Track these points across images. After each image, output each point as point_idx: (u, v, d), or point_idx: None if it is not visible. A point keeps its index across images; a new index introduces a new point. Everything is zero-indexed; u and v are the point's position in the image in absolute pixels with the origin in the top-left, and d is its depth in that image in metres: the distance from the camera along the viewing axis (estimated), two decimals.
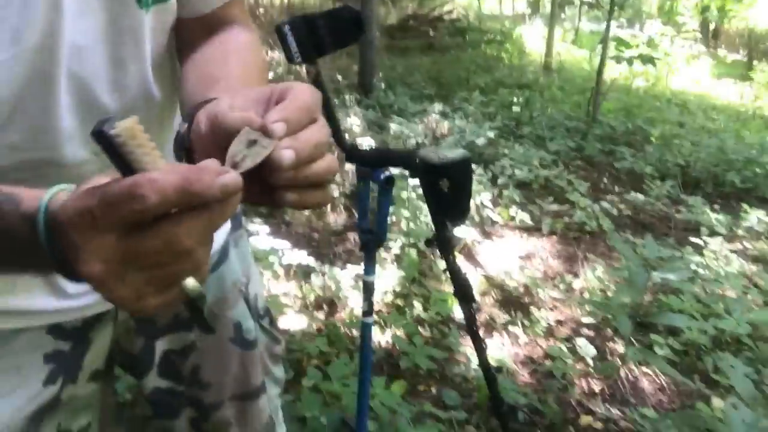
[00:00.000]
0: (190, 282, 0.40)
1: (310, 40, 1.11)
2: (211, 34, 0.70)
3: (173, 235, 0.37)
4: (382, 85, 6.10)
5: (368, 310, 1.45)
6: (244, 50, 0.70)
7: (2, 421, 0.72)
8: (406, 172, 3.35)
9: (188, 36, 0.71)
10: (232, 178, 0.38)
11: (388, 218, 1.49)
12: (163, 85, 0.71)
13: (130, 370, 0.93)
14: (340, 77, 6.09)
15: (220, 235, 0.91)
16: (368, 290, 1.44)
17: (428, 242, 1.44)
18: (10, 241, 0.44)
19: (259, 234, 2.56)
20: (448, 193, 1.29)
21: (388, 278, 2.54)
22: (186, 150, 0.50)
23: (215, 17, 0.73)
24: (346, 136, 1.63)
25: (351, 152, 1.31)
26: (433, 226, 1.39)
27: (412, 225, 2.87)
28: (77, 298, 0.74)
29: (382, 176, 1.28)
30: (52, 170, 0.64)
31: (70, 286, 0.73)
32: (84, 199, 0.37)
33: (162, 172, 0.36)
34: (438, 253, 2.81)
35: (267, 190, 0.44)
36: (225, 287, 0.91)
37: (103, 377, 0.87)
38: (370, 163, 1.33)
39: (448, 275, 1.44)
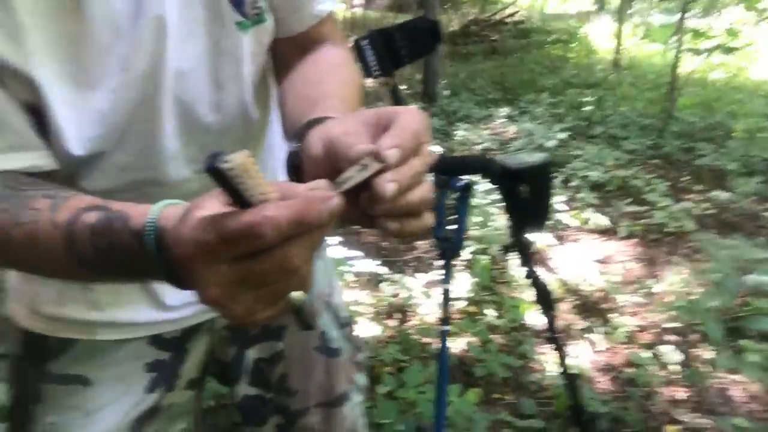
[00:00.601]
0: (295, 293, 0.43)
1: (387, 53, 1.13)
2: (305, 53, 0.72)
3: (284, 258, 0.39)
4: (446, 92, 6.09)
5: (446, 318, 1.45)
6: (339, 67, 0.72)
7: (109, 427, 0.78)
8: (476, 179, 3.33)
9: (283, 55, 0.74)
10: (337, 203, 0.40)
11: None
12: (259, 105, 0.74)
13: (222, 379, 0.98)
14: (403, 86, 6.13)
15: None
16: (446, 298, 1.44)
17: (506, 248, 1.43)
18: (122, 254, 0.48)
19: (330, 244, 2.61)
20: (528, 199, 1.28)
21: (459, 285, 2.53)
22: (294, 167, 0.52)
23: (308, 36, 0.75)
24: None
25: None
26: (509, 232, 1.38)
27: (482, 231, 2.85)
28: (176, 311, 0.79)
29: (460, 184, 1.28)
30: (155, 189, 0.68)
31: (170, 299, 0.77)
32: (201, 233, 0.39)
33: (276, 206, 0.38)
34: (512, 259, 2.78)
35: (368, 215, 0.45)
36: (311, 298, 0.94)
37: (198, 385, 0.92)
38: (448, 171, 1.33)
39: (527, 281, 1.43)
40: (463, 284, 2.54)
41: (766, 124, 5.44)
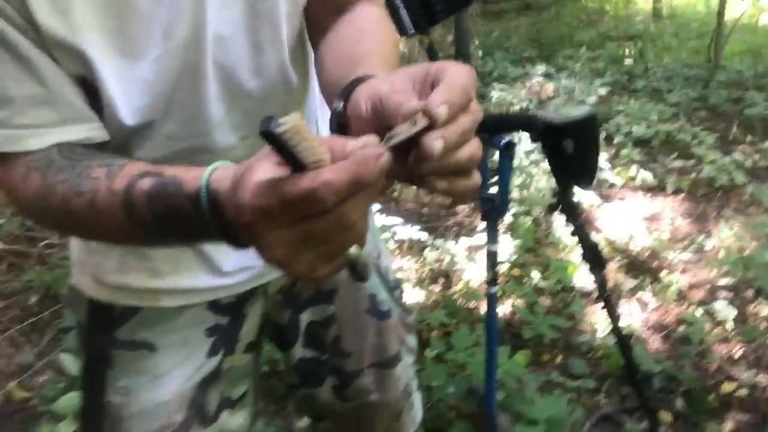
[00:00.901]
0: (352, 249, 0.44)
1: (421, 10, 1.10)
2: (340, 13, 0.71)
3: (342, 217, 0.40)
4: (480, 53, 5.94)
5: (492, 279, 1.44)
6: (377, 25, 0.70)
7: (175, 390, 0.80)
8: (518, 137, 3.27)
9: (317, 19, 0.72)
10: (387, 159, 0.39)
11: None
12: (298, 69, 0.73)
13: (278, 343, 0.99)
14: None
15: None
16: (492, 259, 1.42)
17: (551, 207, 1.40)
18: (179, 218, 0.49)
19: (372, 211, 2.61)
20: (573, 155, 1.24)
21: (503, 248, 2.49)
22: (340, 126, 0.51)
23: None
24: None
25: None
26: (554, 191, 1.34)
27: (525, 192, 2.79)
28: (231, 276, 0.80)
29: (503, 142, 1.25)
30: (203, 157, 0.68)
31: (225, 265, 0.78)
32: (262, 198, 0.39)
33: (332, 170, 0.38)
34: (556, 220, 2.73)
35: (417, 174, 0.44)
36: (365, 253, 0.94)
37: (256, 348, 0.94)
38: (488, 129, 1.30)
39: (573, 242, 1.40)
40: (506, 247, 2.51)
41: None
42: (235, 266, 0.79)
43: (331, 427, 1.07)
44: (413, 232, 2.58)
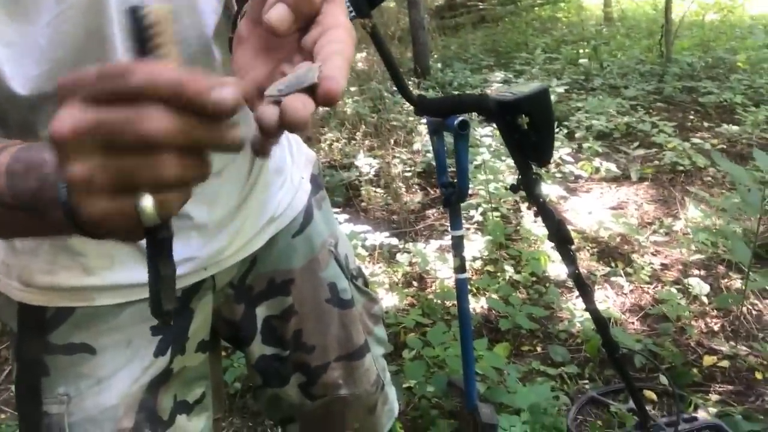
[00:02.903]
0: (147, 202, 0.36)
1: None
2: None
3: (144, 115, 0.34)
4: (439, 65, 6.01)
5: (460, 266, 1.41)
6: None
7: (122, 393, 0.74)
8: (479, 132, 3.26)
9: None
10: (229, 92, 0.34)
11: (469, 174, 1.44)
12: (224, 47, 0.70)
13: (234, 342, 0.94)
14: None
15: (302, 197, 0.90)
16: (458, 246, 1.40)
17: (513, 187, 1.38)
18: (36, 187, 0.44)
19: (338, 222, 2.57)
20: (528, 131, 1.23)
21: (474, 245, 2.48)
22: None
23: None
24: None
25: (420, 104, 1.27)
26: (517, 172, 1.33)
27: (492, 188, 2.79)
28: None
29: (456, 122, 1.23)
30: None
31: None
32: (71, 79, 0.36)
33: (162, 66, 0.35)
34: (525, 213, 2.72)
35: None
36: (314, 248, 0.90)
37: (210, 349, 0.88)
38: (441, 113, 1.28)
39: (543, 232, 1.38)
40: (477, 244, 2.49)
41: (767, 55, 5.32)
42: (175, 256, 0.74)
43: (300, 428, 1.01)
44: (383, 238, 2.55)
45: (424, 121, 1.48)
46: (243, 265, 0.85)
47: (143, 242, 0.68)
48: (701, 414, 1.66)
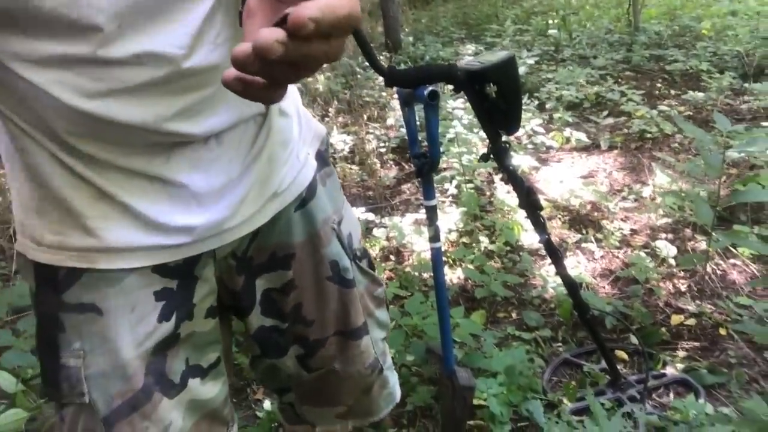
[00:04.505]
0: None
1: None
2: None
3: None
4: (411, 39, 5.98)
5: (435, 235, 1.43)
6: None
7: (127, 358, 0.75)
8: (451, 105, 3.28)
9: None
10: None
11: (440, 145, 1.46)
12: (234, 22, 0.67)
13: (235, 312, 0.95)
14: None
15: (308, 173, 0.89)
16: (432, 215, 1.42)
17: (484, 156, 1.40)
18: None
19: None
20: (497, 100, 1.25)
21: (449, 218, 2.51)
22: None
23: None
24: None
25: (390, 75, 1.28)
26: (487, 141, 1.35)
27: (465, 160, 2.82)
28: (170, 235, 0.75)
29: (426, 92, 1.24)
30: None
31: (160, 217, 0.73)
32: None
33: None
34: (499, 185, 2.76)
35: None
36: (315, 223, 0.90)
37: (221, 316, 0.88)
38: (411, 83, 1.29)
39: (514, 198, 1.40)
40: (452, 216, 2.53)
41: (731, 21, 5.41)
42: (173, 223, 0.74)
43: (296, 398, 1.03)
44: (359, 214, 2.57)
45: (396, 96, 1.49)
46: (245, 237, 0.85)
47: (135, 205, 0.69)
48: (669, 370, 1.73)
